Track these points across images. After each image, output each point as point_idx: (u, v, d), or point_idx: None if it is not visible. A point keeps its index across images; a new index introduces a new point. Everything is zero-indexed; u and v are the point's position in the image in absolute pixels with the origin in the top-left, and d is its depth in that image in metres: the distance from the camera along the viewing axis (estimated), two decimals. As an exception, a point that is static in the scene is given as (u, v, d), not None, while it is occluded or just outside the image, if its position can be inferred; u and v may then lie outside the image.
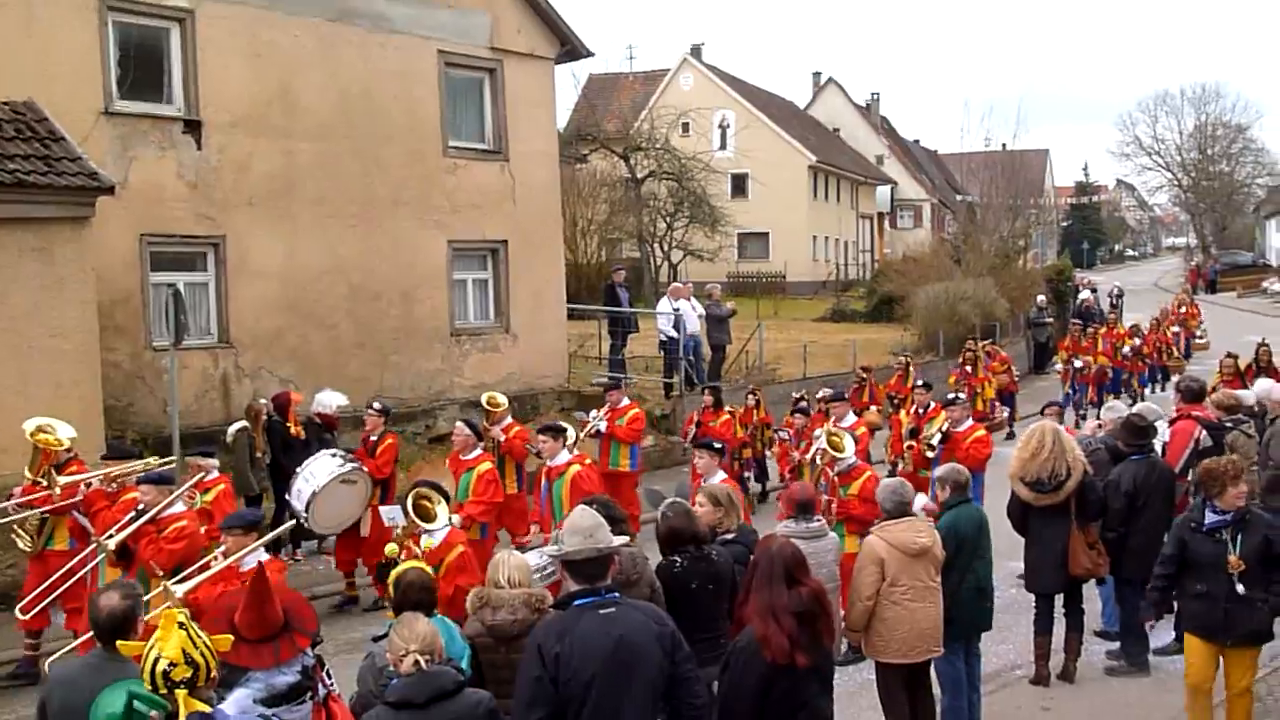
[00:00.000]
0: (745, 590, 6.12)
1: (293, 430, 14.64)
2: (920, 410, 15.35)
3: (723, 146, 53.79)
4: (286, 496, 12.69)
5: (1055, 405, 14.05)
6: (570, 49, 22.43)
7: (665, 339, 22.14)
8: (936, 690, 8.55)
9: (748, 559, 6.61)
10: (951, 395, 14.50)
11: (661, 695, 5.49)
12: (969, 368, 21.26)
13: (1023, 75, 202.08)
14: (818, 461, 11.27)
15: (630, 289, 24.79)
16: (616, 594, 5.62)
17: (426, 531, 8.35)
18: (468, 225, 20.57)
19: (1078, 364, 24.96)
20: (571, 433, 12.70)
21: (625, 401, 15.40)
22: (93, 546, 9.61)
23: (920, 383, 16.57)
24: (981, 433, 13.59)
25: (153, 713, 4.44)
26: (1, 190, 13.32)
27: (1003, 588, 10.76)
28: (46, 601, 10.32)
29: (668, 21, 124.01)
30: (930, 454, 13.10)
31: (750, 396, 17.77)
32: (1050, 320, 33.53)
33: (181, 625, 4.32)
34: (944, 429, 13.38)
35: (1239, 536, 8.17)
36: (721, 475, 10.06)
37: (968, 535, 8.69)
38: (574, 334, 24.17)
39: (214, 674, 4.41)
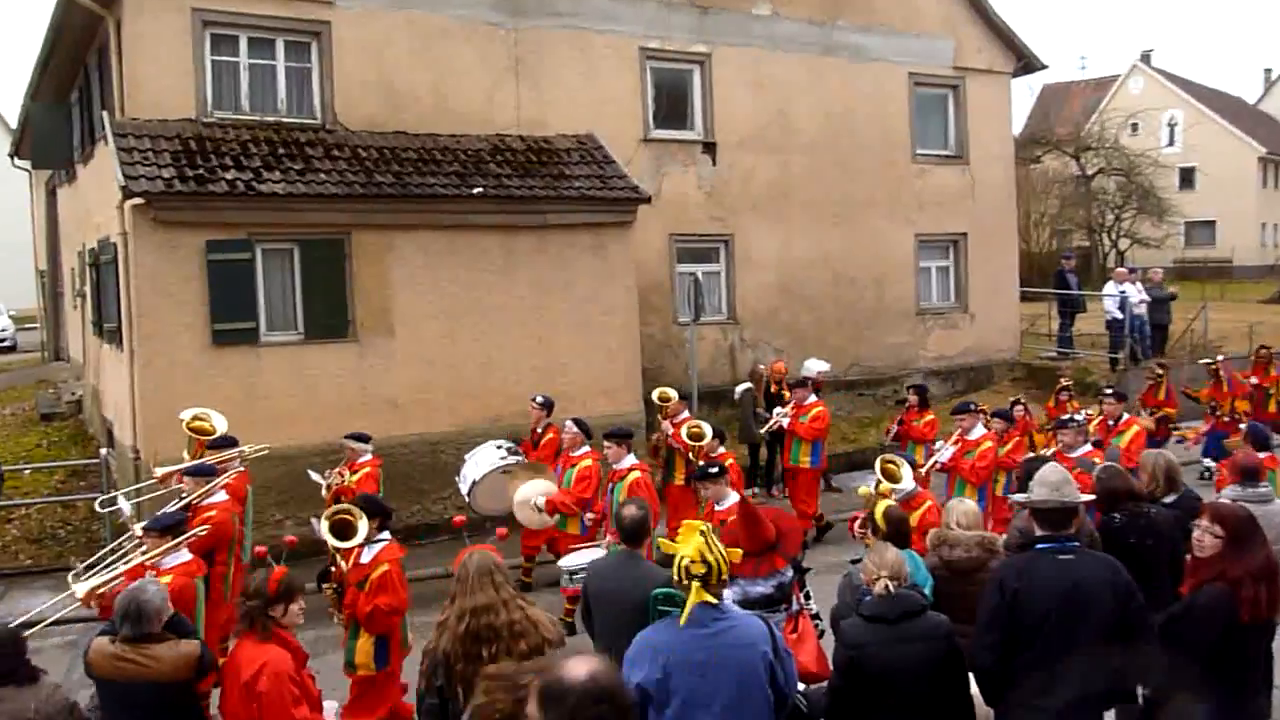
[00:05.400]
0: (1222, 552, 5.49)
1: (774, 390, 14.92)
2: (1111, 423, 11.68)
3: (1171, 143, 48.83)
4: (456, 478, 11.32)
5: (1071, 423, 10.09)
6: (1026, 63, 21.20)
7: (1111, 319, 20.60)
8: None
9: (1186, 522, 6.01)
10: (1065, 416, 10.85)
11: (1114, 638, 5.08)
12: (1219, 373, 15.65)
13: None
14: (873, 490, 8.25)
15: (1078, 274, 23.23)
16: (1077, 543, 5.27)
17: (340, 550, 7.04)
18: (932, 221, 20.03)
19: None
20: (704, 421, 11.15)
21: (811, 399, 13.19)
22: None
23: (1109, 390, 12.31)
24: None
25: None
26: (570, 203, 14.39)
27: None
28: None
29: (1118, 30, 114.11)
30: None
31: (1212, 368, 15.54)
32: None
33: (702, 534, 4.53)
34: (1046, 456, 9.64)
35: None
36: (734, 498, 7.70)
37: None
38: (1026, 314, 23.02)
39: (724, 576, 4.57)
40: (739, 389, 15.33)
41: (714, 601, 4.49)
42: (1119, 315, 20.10)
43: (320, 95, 14.59)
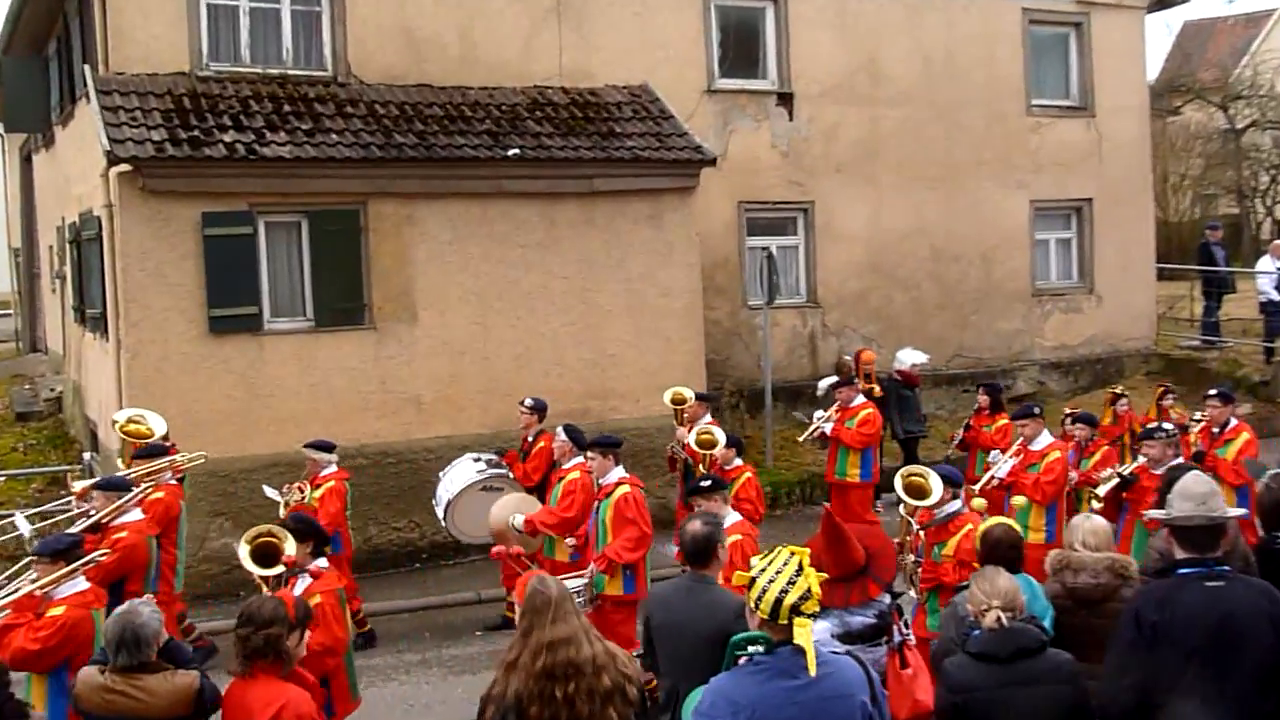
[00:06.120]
0: None
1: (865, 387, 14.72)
2: (1216, 430, 11.08)
3: (1338, 90, 47.81)
4: (432, 500, 11.49)
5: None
6: (1163, -5, 20.93)
7: (1265, 300, 20.20)
8: None
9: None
10: (1153, 424, 10.46)
11: (1273, 679, 4.93)
12: None
13: None
14: (901, 512, 8.12)
15: (1226, 248, 22.83)
16: (1227, 567, 5.12)
17: (265, 578, 6.84)
18: (1050, 184, 19.75)
19: None
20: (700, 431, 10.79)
21: (859, 400, 13.06)
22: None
23: (1212, 391, 11.62)
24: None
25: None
26: (621, 165, 14.38)
27: None
28: None
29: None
30: (1096, 505, 9.43)
31: None
32: None
33: (804, 562, 4.43)
34: (1125, 474, 9.71)
35: None
36: (734, 518, 7.77)
37: None
38: (1163, 295, 22.62)
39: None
40: (822, 384, 15.21)
41: (806, 646, 4.34)
42: (1275, 296, 19.85)
43: (331, 44, 14.69)
